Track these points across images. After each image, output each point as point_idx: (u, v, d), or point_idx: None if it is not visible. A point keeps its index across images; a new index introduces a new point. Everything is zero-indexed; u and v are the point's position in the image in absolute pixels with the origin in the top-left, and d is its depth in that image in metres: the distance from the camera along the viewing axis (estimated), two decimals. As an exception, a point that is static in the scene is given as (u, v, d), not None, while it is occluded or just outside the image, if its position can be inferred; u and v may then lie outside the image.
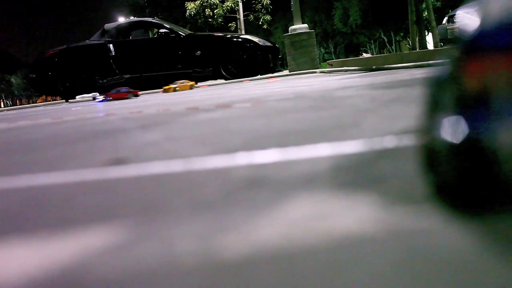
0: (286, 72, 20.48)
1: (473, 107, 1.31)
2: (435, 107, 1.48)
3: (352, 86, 7.42)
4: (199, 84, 18.43)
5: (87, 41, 19.48)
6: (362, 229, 1.34)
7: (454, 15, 11.33)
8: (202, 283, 1.13)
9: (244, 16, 30.24)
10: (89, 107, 11.69)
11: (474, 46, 1.34)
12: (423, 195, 1.53)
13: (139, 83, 17.96)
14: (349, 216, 1.45)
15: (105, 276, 1.21)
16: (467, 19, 1.44)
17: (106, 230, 1.56)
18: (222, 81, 18.31)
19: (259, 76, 18.12)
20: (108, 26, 19.43)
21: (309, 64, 19.90)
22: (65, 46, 19.38)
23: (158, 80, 17.80)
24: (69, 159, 3.22)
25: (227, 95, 9.14)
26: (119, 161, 2.79)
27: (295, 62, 20.18)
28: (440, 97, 1.46)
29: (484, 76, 1.30)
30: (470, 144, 1.29)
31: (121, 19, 20.81)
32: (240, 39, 18.42)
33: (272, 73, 18.98)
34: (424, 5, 32.37)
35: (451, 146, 1.32)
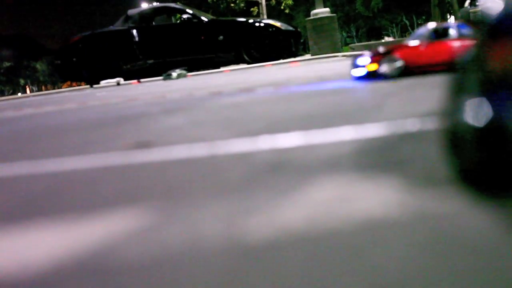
0: (308, 56, 20.39)
1: (497, 90, 1.29)
2: (458, 90, 1.46)
3: (375, 70, 7.34)
4: (222, 68, 18.39)
5: (111, 27, 19.50)
6: (385, 212, 1.33)
7: (476, -3, 11.16)
8: (227, 266, 1.13)
9: (266, 0, 30.09)
10: (114, 92, 11.72)
11: (498, 29, 1.33)
12: (447, 179, 1.51)
13: (163, 68, 17.96)
14: (373, 199, 1.44)
15: (131, 259, 1.22)
16: (490, 2, 1.42)
17: (131, 214, 1.57)
18: (245, 65, 18.27)
19: (281, 61, 18.06)
20: (131, 12, 19.45)
21: (331, 48, 19.79)
22: (89, 32, 19.44)
23: (182, 65, 17.81)
24: (94, 144, 3.23)
25: (249, 80, 9.11)
26: (143, 146, 2.81)
27: (317, 46, 20.09)
28: (464, 80, 1.44)
29: (509, 58, 1.27)
30: (495, 127, 1.27)
31: (144, 5, 20.79)
32: (262, 24, 18.34)
33: (294, 57, 18.90)
34: (447, -13, 32.01)
35: (475, 129, 1.31)
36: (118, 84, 17.02)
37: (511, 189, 1.31)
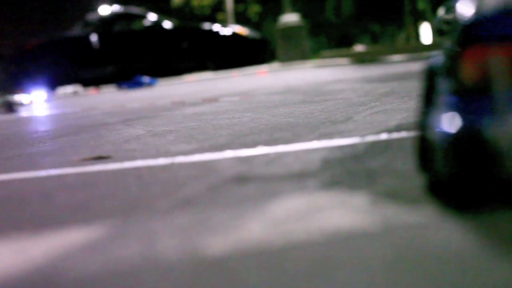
0: (276, 64, 20.39)
1: (471, 98, 1.29)
2: (431, 100, 1.47)
3: (345, 79, 7.45)
4: (186, 77, 18.26)
5: (69, 33, 19.15)
6: (354, 224, 1.29)
7: (450, 5, 11.24)
8: (186, 279, 1.08)
9: (232, 7, 29.99)
10: (71, 101, 11.69)
11: (471, 36, 1.33)
12: (418, 190, 1.49)
13: (123, 76, 17.78)
14: (341, 211, 1.40)
15: (85, 272, 1.15)
16: (463, 10, 1.44)
17: (86, 227, 1.50)
18: (210, 74, 18.15)
19: (248, 69, 17.99)
20: (90, 17, 19.16)
21: (299, 57, 19.79)
22: (46, 38, 19.09)
23: (142, 73, 17.54)
24: (48, 155, 3.16)
25: (214, 89, 9.12)
26: (100, 158, 2.71)
27: (286, 54, 20.06)
28: (437, 89, 1.44)
29: (483, 66, 1.28)
30: (468, 137, 1.25)
31: (104, 10, 20.23)
32: (228, 31, 18.25)
33: (261, 65, 18.84)
34: (419, -5, 32.23)
35: (448, 140, 1.28)
36: (76, 92, 16.75)
37: (485, 202, 1.30)
